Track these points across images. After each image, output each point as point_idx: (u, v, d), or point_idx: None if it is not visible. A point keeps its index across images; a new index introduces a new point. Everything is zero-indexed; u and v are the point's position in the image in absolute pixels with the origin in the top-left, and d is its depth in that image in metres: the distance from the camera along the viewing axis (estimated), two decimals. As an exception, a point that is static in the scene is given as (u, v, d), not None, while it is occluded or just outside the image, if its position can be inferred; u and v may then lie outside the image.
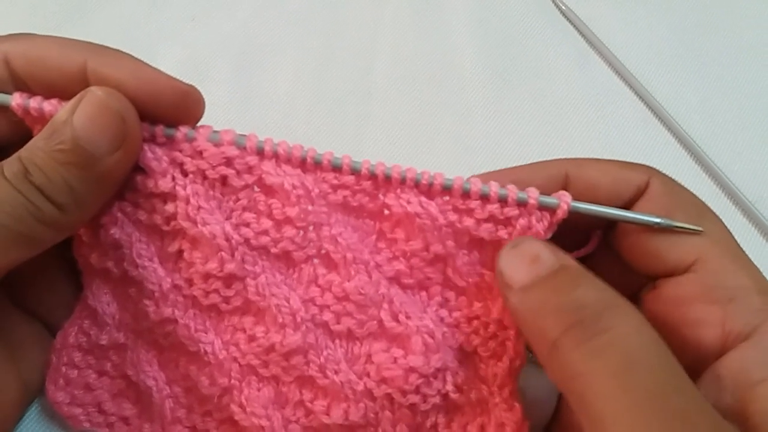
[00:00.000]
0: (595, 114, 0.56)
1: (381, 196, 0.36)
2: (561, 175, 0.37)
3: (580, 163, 0.37)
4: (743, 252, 0.35)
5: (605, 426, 0.28)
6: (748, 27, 0.61)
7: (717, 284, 0.34)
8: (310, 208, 0.36)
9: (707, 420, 0.28)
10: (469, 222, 0.36)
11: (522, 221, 0.35)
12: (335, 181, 0.36)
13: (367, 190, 0.36)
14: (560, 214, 0.35)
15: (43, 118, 0.35)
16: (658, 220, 0.35)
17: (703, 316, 0.34)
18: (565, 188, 0.36)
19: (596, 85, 0.58)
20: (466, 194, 0.35)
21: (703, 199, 0.50)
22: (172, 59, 0.55)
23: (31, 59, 0.35)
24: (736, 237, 0.49)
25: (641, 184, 0.36)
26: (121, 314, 0.39)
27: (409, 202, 0.35)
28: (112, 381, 0.41)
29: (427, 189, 0.35)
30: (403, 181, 0.35)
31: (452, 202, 0.35)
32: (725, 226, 0.36)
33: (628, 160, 0.51)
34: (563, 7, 0.61)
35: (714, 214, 0.36)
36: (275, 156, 0.36)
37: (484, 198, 0.35)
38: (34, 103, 0.35)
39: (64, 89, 0.35)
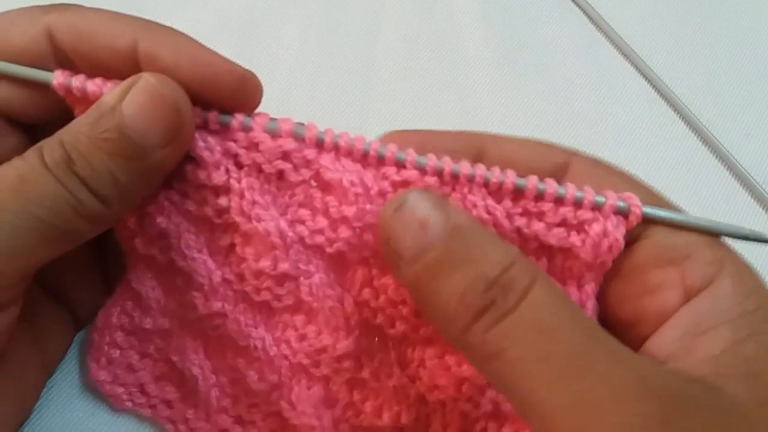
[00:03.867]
0: (601, 94, 0.55)
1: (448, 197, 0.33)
2: (475, 147, 0.34)
3: (498, 139, 0.35)
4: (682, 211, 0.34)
5: (530, 397, 0.27)
6: (756, 7, 0.60)
7: (670, 245, 0.32)
8: (368, 207, 0.33)
9: (626, 367, 0.27)
10: (538, 227, 0.33)
11: (596, 227, 0.32)
12: (397, 178, 0.33)
13: (432, 189, 0.33)
14: (633, 219, 0.32)
15: (86, 99, 0.32)
16: (747, 232, 0.33)
17: (662, 279, 0.32)
18: (479, 161, 0.34)
19: (602, 65, 0.57)
20: (539, 196, 0.33)
21: (711, 181, 0.52)
22: None
23: (79, 33, 0.32)
24: (743, 218, 0.51)
25: (560, 161, 0.34)
26: (166, 300, 0.38)
27: (475, 206, 0.33)
28: (155, 364, 0.40)
29: (497, 189, 0.33)
30: (471, 180, 0.33)
31: (523, 204, 0.33)
32: (660, 194, 0.34)
33: (634, 140, 0.53)
34: None
35: (642, 182, 0.35)
36: (335, 148, 0.33)
37: (558, 201, 0.32)
38: (76, 82, 0.32)
39: (111, 68, 0.32)
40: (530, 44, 0.58)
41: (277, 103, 0.51)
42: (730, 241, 0.34)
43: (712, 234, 0.33)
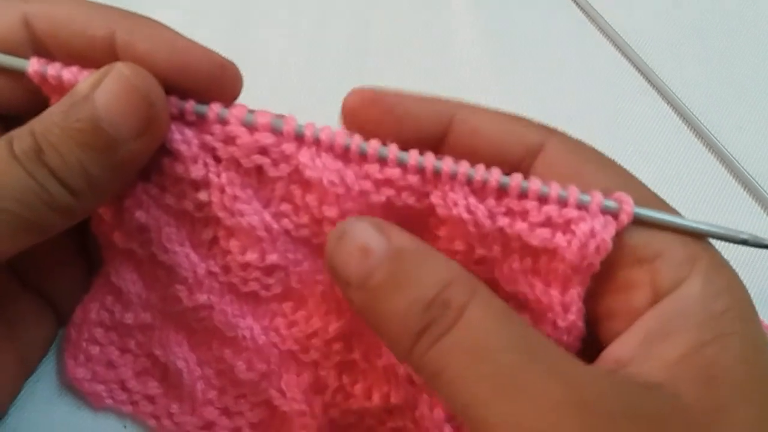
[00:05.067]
0: (594, 86, 0.56)
1: (429, 195, 0.33)
2: (446, 115, 0.33)
3: (471, 109, 0.34)
4: (667, 205, 0.33)
5: (469, 414, 0.28)
6: (747, 3, 0.60)
7: (642, 243, 0.31)
8: (349, 205, 0.33)
9: (559, 385, 0.27)
10: (521, 227, 0.32)
11: (583, 226, 0.31)
12: (379, 176, 0.32)
13: (414, 187, 0.33)
14: (624, 217, 0.31)
15: (61, 87, 0.32)
16: (745, 236, 0.32)
17: (632, 278, 0.31)
18: (447, 130, 0.33)
19: (596, 58, 0.57)
20: (523, 194, 0.32)
21: (703, 172, 0.52)
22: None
23: (55, 22, 0.32)
24: (734, 209, 0.51)
25: (533, 143, 0.33)
26: (148, 294, 0.38)
27: (456, 204, 0.32)
28: (136, 359, 0.40)
29: (481, 187, 0.32)
30: (453, 177, 0.32)
31: (506, 202, 0.32)
32: (636, 178, 0.34)
33: (628, 132, 0.54)
34: None
35: (620, 166, 0.34)
36: (316, 143, 0.33)
37: (542, 199, 0.31)
38: (52, 70, 0.32)
39: (89, 57, 0.32)
40: (525, 38, 0.58)
41: (268, 96, 0.51)
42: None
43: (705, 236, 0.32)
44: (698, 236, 0.32)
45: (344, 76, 0.54)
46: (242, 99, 0.35)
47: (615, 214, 0.31)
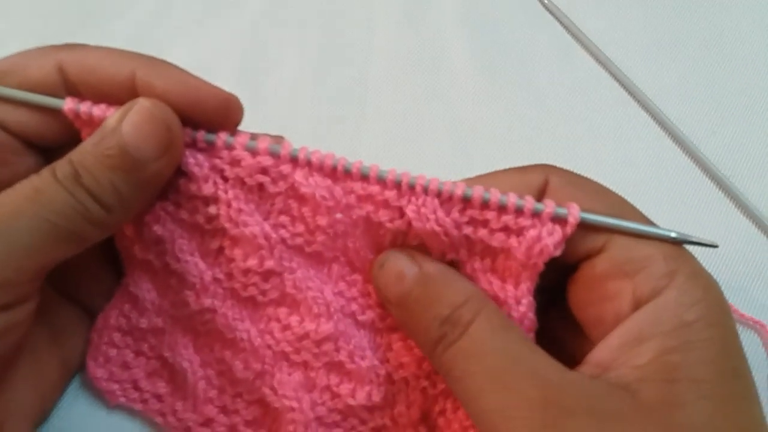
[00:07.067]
0: (577, 99, 0.59)
1: (404, 209, 0.37)
2: (542, 181, 0.38)
3: (482, 180, 0.39)
4: (652, 224, 0.37)
5: (471, 406, 0.35)
6: (719, 12, 0.63)
7: (626, 258, 0.36)
8: (338, 216, 0.38)
9: (532, 383, 0.33)
10: (482, 233, 0.37)
11: (532, 232, 0.36)
12: (361, 192, 0.38)
13: (391, 202, 0.37)
14: (572, 221, 0.36)
15: (92, 122, 0.37)
16: (674, 234, 0.36)
17: (617, 289, 0.36)
18: (544, 194, 0.38)
19: (578, 72, 0.61)
20: (484, 205, 0.37)
21: (680, 175, 0.55)
22: (179, 63, 0.58)
23: (85, 67, 0.37)
24: (711, 209, 0.54)
25: (540, 184, 0.38)
26: (161, 301, 0.42)
27: (427, 219, 0.37)
28: (148, 361, 0.44)
29: (448, 198, 0.37)
30: (425, 191, 0.37)
31: (469, 213, 0.37)
32: (629, 203, 0.38)
33: (609, 140, 0.57)
34: (545, 1, 0.64)
35: (615, 193, 0.38)
36: (308, 164, 0.38)
37: (501, 209, 0.37)
38: (84, 107, 0.37)
39: (114, 96, 0.37)
40: (511, 55, 0.61)
41: (280, 121, 0.57)
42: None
43: (648, 238, 0.36)
44: (665, 241, 0.36)
45: (348, 103, 0.59)
46: (254, 118, 0.40)
47: (565, 220, 0.36)
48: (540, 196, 0.38)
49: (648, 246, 0.36)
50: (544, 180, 0.38)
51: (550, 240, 0.36)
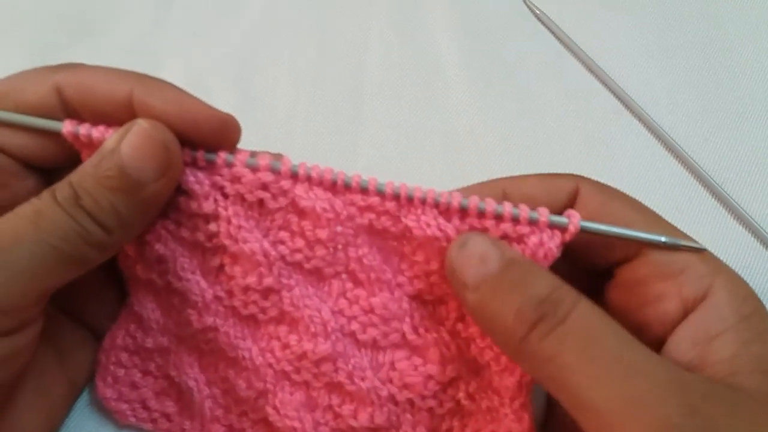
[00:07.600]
0: (570, 109, 0.60)
1: (403, 219, 0.38)
2: (499, 194, 0.39)
3: (514, 180, 0.40)
4: (680, 232, 0.38)
5: (580, 394, 0.31)
6: (709, 22, 0.64)
7: (666, 261, 0.37)
8: (338, 229, 0.38)
9: (662, 368, 0.31)
10: None
11: (534, 238, 0.37)
12: (362, 203, 0.38)
13: (391, 212, 0.38)
14: (572, 229, 0.37)
15: (91, 144, 0.37)
16: (663, 239, 0.37)
17: (662, 291, 0.36)
18: (575, 200, 0.39)
19: (570, 82, 0.61)
20: (481, 214, 0.37)
21: (673, 182, 0.56)
22: (176, 75, 0.57)
23: (82, 88, 0.37)
24: (704, 216, 0.55)
25: (571, 190, 0.39)
26: (165, 320, 0.42)
27: (428, 225, 0.37)
28: (156, 380, 0.44)
29: (446, 209, 0.37)
30: (423, 202, 0.37)
31: (469, 221, 0.37)
32: (656, 214, 0.39)
33: (603, 149, 0.58)
34: (537, 12, 0.64)
35: (642, 204, 0.39)
36: (308, 179, 0.38)
37: (498, 217, 0.37)
38: (83, 129, 0.37)
39: (112, 116, 0.37)
40: (504, 66, 0.62)
41: (278, 134, 0.57)
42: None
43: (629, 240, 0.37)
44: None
45: (344, 115, 0.59)
46: (249, 130, 0.40)
47: (565, 228, 0.37)
48: (571, 202, 0.39)
49: (680, 251, 0.37)
50: (575, 187, 0.39)
51: (552, 243, 0.36)
